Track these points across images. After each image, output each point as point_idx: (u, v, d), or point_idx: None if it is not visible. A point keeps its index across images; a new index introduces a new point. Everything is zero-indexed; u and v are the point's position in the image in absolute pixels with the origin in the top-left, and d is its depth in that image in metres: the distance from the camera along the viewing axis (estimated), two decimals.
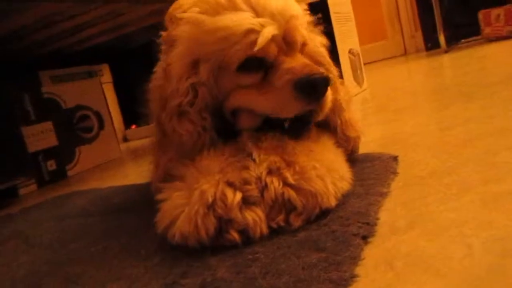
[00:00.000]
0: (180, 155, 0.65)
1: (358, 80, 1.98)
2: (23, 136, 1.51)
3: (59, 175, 1.62)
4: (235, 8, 0.60)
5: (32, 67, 1.98)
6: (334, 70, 0.75)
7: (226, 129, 0.66)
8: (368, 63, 3.87)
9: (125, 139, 2.63)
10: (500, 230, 0.44)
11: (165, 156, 0.68)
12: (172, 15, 0.68)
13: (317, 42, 0.74)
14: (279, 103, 0.61)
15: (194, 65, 0.63)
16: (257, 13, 0.60)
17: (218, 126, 0.65)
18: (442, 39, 3.08)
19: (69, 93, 1.74)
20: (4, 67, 1.81)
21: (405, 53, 4.18)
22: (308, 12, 0.72)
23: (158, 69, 0.73)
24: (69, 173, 1.67)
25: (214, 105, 0.65)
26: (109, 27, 1.74)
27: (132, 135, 2.61)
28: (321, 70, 0.61)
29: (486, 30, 2.94)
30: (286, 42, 0.63)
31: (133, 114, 2.63)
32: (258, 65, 0.62)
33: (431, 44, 3.61)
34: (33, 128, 1.55)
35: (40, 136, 1.57)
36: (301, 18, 0.66)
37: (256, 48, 0.58)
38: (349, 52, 1.93)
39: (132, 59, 2.56)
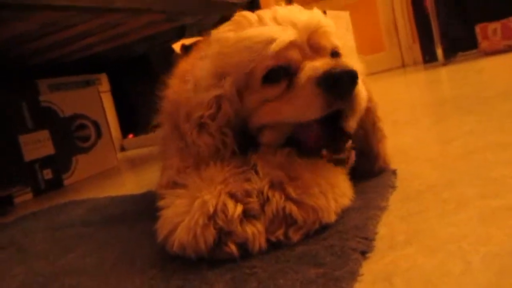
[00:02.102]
0: (196, 167, 0.64)
1: None
2: (19, 144, 1.51)
3: (55, 184, 1.61)
4: (261, 23, 0.62)
5: (30, 76, 1.98)
6: (373, 97, 0.75)
7: (249, 144, 0.66)
8: (366, 74, 3.89)
9: (122, 149, 2.62)
10: (498, 246, 0.43)
11: (183, 162, 0.68)
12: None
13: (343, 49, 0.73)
14: (302, 104, 0.59)
15: (219, 77, 0.64)
16: (279, 25, 0.61)
17: (241, 141, 0.65)
18: (439, 52, 3.10)
19: (66, 101, 1.74)
20: (2, 75, 1.81)
21: (403, 65, 4.21)
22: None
23: (176, 81, 0.75)
24: (66, 182, 1.66)
25: (237, 121, 0.65)
26: (107, 37, 1.75)
27: (130, 145, 2.61)
28: (348, 64, 0.58)
29: (483, 44, 2.96)
30: (312, 47, 0.63)
31: (130, 123, 2.63)
32: (283, 74, 0.62)
33: (428, 57, 3.63)
34: (30, 136, 1.55)
35: (36, 145, 1.56)
36: (331, 27, 0.66)
37: (271, 50, 0.59)
38: None
39: (130, 69, 2.57)
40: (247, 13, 0.67)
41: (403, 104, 1.70)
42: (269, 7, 0.69)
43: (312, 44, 0.63)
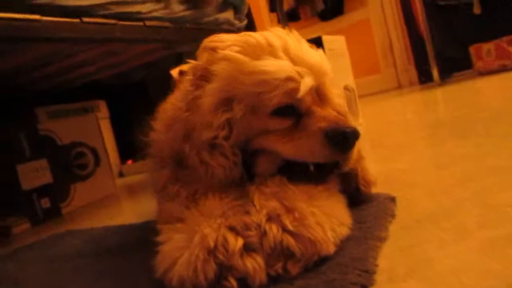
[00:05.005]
0: (207, 188, 0.64)
1: (353, 114, 2.00)
2: (17, 173, 1.50)
3: (54, 213, 1.60)
4: (274, 55, 0.63)
5: (29, 104, 1.99)
6: (352, 121, 0.77)
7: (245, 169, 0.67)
8: (363, 96, 3.92)
9: (121, 175, 2.61)
10: (498, 279, 0.43)
11: (188, 188, 0.67)
12: (208, 48, 0.69)
13: (336, 93, 0.76)
14: (308, 149, 0.63)
15: (228, 102, 0.64)
16: (294, 63, 0.63)
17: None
18: (435, 72, 3.14)
19: (65, 129, 1.74)
20: (1, 104, 1.82)
21: (399, 86, 4.24)
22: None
23: (173, 100, 0.74)
24: (64, 210, 1.65)
25: (242, 143, 0.66)
26: (106, 65, 1.76)
27: (128, 171, 2.60)
28: (351, 123, 0.63)
29: (478, 64, 3.00)
30: (319, 95, 0.66)
31: (129, 149, 2.63)
32: (291, 112, 0.64)
33: (424, 78, 3.67)
34: (28, 165, 1.54)
35: (34, 174, 1.56)
36: (331, 72, 0.69)
37: (299, 95, 0.61)
38: (344, 88, 1.95)
39: (129, 95, 2.58)
40: (255, 35, 0.67)
41: (399, 127, 1.70)
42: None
43: (319, 91, 0.66)
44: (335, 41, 1.99)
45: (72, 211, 1.66)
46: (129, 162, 2.63)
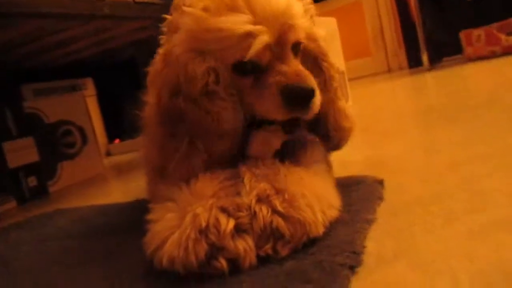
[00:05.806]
0: (216, 138, 0.63)
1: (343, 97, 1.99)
2: (3, 151, 1.48)
3: (40, 192, 1.59)
4: (236, 9, 0.60)
5: (15, 81, 1.95)
6: (333, 63, 0.76)
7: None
8: (352, 79, 3.92)
9: (108, 154, 2.59)
10: (486, 263, 0.44)
11: (184, 164, 0.64)
12: (177, 4, 0.68)
13: (316, 36, 0.74)
14: (266, 105, 0.62)
15: (199, 54, 0.62)
16: (255, 16, 0.60)
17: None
18: (425, 57, 3.14)
19: (51, 107, 1.71)
20: None
21: (389, 70, 4.25)
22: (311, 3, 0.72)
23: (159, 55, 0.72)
24: (51, 189, 1.63)
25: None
26: (94, 42, 1.73)
27: (116, 150, 2.58)
28: (309, 80, 0.62)
29: (468, 50, 3.00)
30: (279, 44, 0.63)
31: (117, 128, 2.60)
32: (251, 69, 0.62)
33: (414, 62, 3.68)
34: (14, 143, 1.52)
35: (21, 152, 1.54)
36: (301, 17, 0.66)
37: (248, 57, 0.59)
38: None
39: (117, 73, 2.54)
40: None
41: (389, 111, 1.71)
42: None
43: (280, 40, 0.62)
44: (326, 23, 1.98)
45: (59, 190, 1.65)
46: (117, 141, 2.61)
